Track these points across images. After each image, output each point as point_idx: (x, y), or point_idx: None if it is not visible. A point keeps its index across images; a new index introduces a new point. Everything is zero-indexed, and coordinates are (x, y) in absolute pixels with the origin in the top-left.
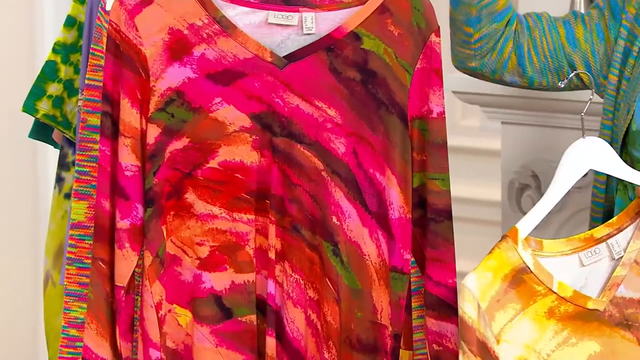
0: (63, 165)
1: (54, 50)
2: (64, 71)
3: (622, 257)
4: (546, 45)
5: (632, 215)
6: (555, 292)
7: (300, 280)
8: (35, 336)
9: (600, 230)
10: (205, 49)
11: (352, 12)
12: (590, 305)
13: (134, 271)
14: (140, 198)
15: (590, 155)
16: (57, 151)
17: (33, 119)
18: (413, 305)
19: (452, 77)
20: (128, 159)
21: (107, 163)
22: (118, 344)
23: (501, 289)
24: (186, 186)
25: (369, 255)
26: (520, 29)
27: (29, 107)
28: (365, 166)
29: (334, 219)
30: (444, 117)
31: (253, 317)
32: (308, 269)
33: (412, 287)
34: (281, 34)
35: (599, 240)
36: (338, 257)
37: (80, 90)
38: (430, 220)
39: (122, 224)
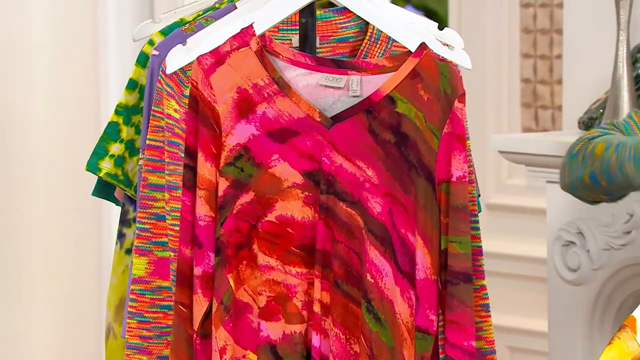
0: (124, 221)
1: (117, 112)
2: (126, 132)
3: None
4: None
5: None
6: None
7: (341, 335)
8: None
9: None
10: (266, 108)
11: (389, 76)
12: None
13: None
14: (212, 247)
15: None
16: (119, 208)
17: (96, 177)
18: None
19: (499, 138)
20: (202, 209)
21: (187, 213)
22: None
23: None
24: (253, 237)
25: (400, 314)
26: None
27: (92, 166)
28: (398, 226)
29: (369, 277)
30: (465, 181)
31: None
32: (352, 323)
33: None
34: (333, 95)
35: None
36: (371, 314)
37: (141, 150)
38: (448, 283)
39: (196, 270)
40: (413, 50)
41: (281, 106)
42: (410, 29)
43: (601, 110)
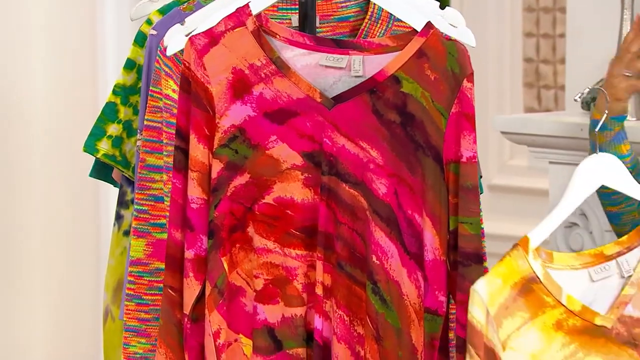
0: (122, 203)
1: (114, 92)
2: (123, 112)
3: (631, 275)
4: None
5: None
6: (564, 305)
7: (345, 317)
8: None
9: (610, 248)
10: (263, 89)
11: (393, 56)
12: (598, 321)
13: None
14: (205, 230)
15: (602, 171)
16: (117, 190)
17: (94, 158)
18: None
19: (501, 118)
20: (194, 192)
21: (178, 195)
22: None
23: (510, 297)
24: (248, 220)
25: (407, 295)
26: None
27: (90, 147)
28: (405, 207)
29: (374, 258)
30: (475, 161)
31: (300, 350)
32: (356, 305)
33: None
34: (333, 75)
35: (609, 258)
36: (377, 296)
37: (139, 131)
38: (459, 264)
39: (188, 254)
40: (418, 29)
41: (279, 87)
42: (415, 8)
43: None
